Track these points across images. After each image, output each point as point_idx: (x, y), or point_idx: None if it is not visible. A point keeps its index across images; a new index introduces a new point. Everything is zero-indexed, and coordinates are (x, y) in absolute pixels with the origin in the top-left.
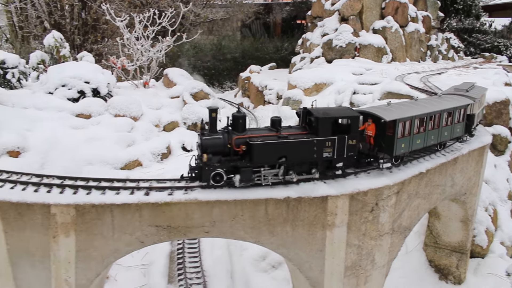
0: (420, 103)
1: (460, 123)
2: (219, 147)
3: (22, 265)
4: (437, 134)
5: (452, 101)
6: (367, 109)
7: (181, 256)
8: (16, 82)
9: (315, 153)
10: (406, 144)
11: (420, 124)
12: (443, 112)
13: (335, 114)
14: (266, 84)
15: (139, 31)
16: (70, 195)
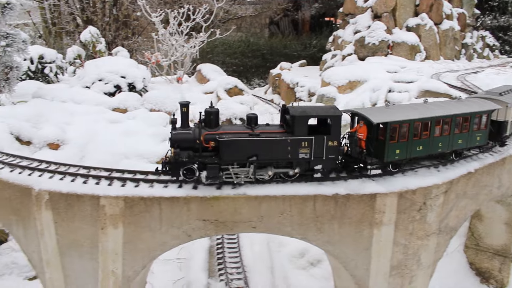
0: (429, 106)
1: (481, 131)
2: (189, 142)
3: (70, 255)
4: (447, 141)
5: (472, 105)
6: (358, 109)
7: (221, 251)
8: (53, 77)
9: (289, 153)
10: (403, 150)
11: (423, 129)
12: (454, 117)
13: (313, 112)
14: (298, 81)
15: (174, 27)
16: (118, 187)
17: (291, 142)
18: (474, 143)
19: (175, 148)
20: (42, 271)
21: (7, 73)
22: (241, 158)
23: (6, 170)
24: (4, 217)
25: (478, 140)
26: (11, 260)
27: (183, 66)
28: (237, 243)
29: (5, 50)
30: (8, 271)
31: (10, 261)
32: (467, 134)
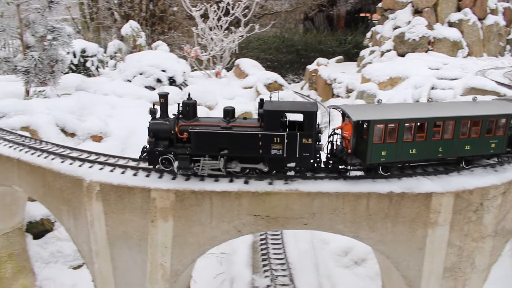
0: (431, 106)
1: (497, 137)
2: (165, 132)
3: (119, 246)
4: (450, 146)
5: (488, 107)
6: (342, 105)
7: (265, 247)
8: (94, 70)
9: (261, 148)
10: (391, 152)
11: (418, 131)
12: (459, 120)
13: (286, 107)
14: (335, 77)
15: (214, 21)
16: (169, 180)
17: (262, 137)
18: (487, 150)
19: (151, 137)
20: (91, 261)
21: (52, 66)
22: (212, 151)
23: (57, 161)
24: (55, 207)
25: (493, 148)
26: (57, 249)
27: (222, 61)
28: (280, 239)
29: (51, 43)
30: (54, 260)
31: (56, 250)
32: (477, 139)
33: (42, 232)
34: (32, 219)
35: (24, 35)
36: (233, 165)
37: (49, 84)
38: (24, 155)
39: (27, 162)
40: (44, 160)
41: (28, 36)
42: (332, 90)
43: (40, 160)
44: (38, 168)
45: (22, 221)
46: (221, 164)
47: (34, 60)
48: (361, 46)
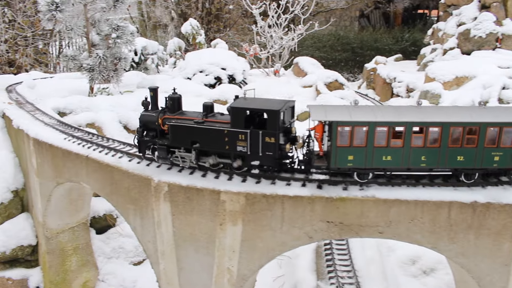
0: (418, 110)
1: (503, 149)
2: (152, 123)
3: (186, 248)
4: (436, 155)
5: (493, 114)
6: (313, 105)
7: (330, 253)
8: (154, 68)
9: (227, 144)
10: (360, 158)
11: (393, 136)
12: (447, 126)
13: (251, 105)
14: (395, 76)
15: (273, 19)
16: (238, 183)
17: (228, 134)
18: (489, 163)
19: (140, 127)
20: (157, 261)
21: (115, 64)
22: (185, 143)
23: (125, 160)
24: (122, 206)
25: (496, 161)
26: (119, 244)
27: (281, 59)
28: (345, 244)
29: (115, 42)
30: (116, 255)
31: (118, 246)
32: (473, 150)
33: (104, 227)
34: (95, 214)
35: (89, 34)
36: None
37: (112, 82)
38: (93, 153)
39: (95, 160)
40: (112, 158)
41: (94, 35)
42: (392, 90)
43: (108, 158)
44: (106, 166)
45: (87, 216)
46: (193, 157)
47: (98, 58)
48: (419, 44)
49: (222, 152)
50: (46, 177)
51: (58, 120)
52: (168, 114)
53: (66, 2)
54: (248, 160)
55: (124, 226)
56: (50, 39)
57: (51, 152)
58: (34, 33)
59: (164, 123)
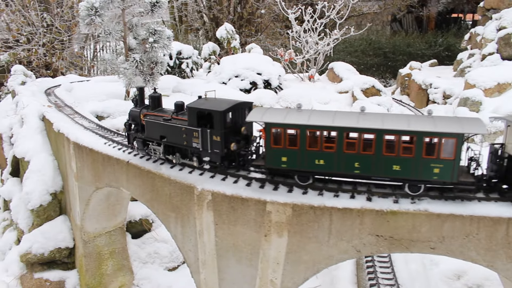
0: (354, 116)
1: (443, 161)
2: (136, 118)
3: (228, 258)
4: (369, 162)
5: (435, 123)
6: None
7: (371, 265)
8: (189, 72)
9: (185, 140)
10: (292, 159)
11: (326, 140)
12: (381, 133)
13: (201, 106)
14: (431, 82)
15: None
16: (284, 193)
17: (185, 130)
18: (428, 175)
19: (128, 121)
20: (197, 270)
21: (152, 68)
22: (156, 137)
23: (166, 166)
24: (162, 213)
25: (436, 174)
26: (154, 249)
27: (315, 64)
28: (388, 257)
29: (152, 46)
30: (151, 260)
31: (153, 251)
32: (410, 160)
33: (140, 232)
34: (132, 219)
35: (127, 38)
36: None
37: (148, 86)
38: (133, 158)
39: (136, 165)
40: (153, 164)
41: (130, 39)
42: (428, 96)
43: (149, 164)
44: (147, 172)
45: (124, 220)
46: (161, 150)
47: (135, 62)
48: (453, 49)
49: (182, 147)
50: (85, 182)
51: (97, 124)
52: (148, 111)
53: (105, 7)
54: (202, 156)
55: (160, 231)
56: (85, 42)
57: (91, 157)
58: (70, 37)
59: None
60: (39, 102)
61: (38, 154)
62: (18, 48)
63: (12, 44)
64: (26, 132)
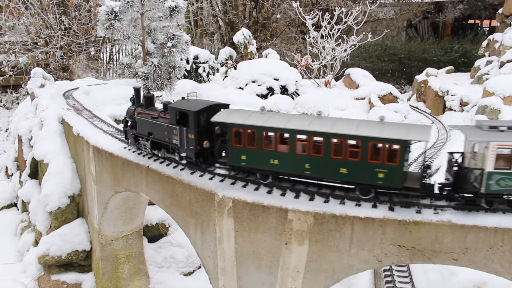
0: (309, 120)
1: (388, 166)
2: (132, 116)
3: (247, 266)
4: (318, 164)
5: (383, 129)
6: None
7: (389, 274)
8: (205, 76)
9: (167, 137)
10: (250, 158)
11: (279, 141)
12: (329, 136)
13: (179, 106)
14: (448, 89)
15: (326, 29)
16: (306, 201)
17: (167, 128)
18: (373, 180)
19: (125, 118)
20: (216, 277)
21: (170, 72)
22: (145, 134)
23: (187, 172)
24: (182, 219)
25: (381, 178)
26: (170, 254)
27: (332, 70)
28: (406, 266)
29: (170, 50)
30: (167, 265)
31: (169, 255)
32: (356, 164)
33: (157, 236)
34: (148, 223)
35: (145, 42)
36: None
37: (165, 90)
38: (153, 163)
39: (156, 171)
40: (173, 170)
41: (149, 43)
42: (444, 103)
43: (169, 169)
44: (168, 178)
45: (141, 224)
46: (148, 145)
47: (153, 66)
48: (469, 55)
49: (165, 143)
50: (104, 185)
51: (117, 128)
52: (141, 109)
53: (124, 11)
54: (180, 152)
55: (176, 236)
56: (101, 45)
57: (111, 161)
58: (87, 40)
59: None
60: (58, 105)
61: (57, 157)
62: (37, 51)
63: (30, 46)
64: (45, 135)
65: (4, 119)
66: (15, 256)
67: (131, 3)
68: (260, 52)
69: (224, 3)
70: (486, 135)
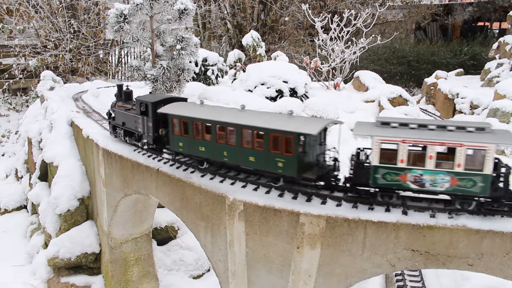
0: (235, 112)
1: (285, 156)
2: (112, 109)
3: (258, 269)
4: (234, 152)
5: (284, 122)
6: None
7: (401, 279)
8: (214, 79)
9: (134, 126)
10: (185, 145)
11: (205, 131)
12: (240, 128)
13: (143, 99)
14: (458, 92)
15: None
16: (318, 205)
17: (133, 118)
18: (274, 168)
19: (108, 111)
20: (226, 281)
21: (179, 75)
22: (120, 124)
23: (197, 175)
24: (192, 222)
25: (281, 167)
26: (179, 257)
27: (341, 72)
28: (418, 270)
29: (180, 53)
30: (176, 267)
31: (178, 258)
32: (261, 153)
33: (166, 239)
34: (157, 226)
35: (154, 45)
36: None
37: (174, 92)
38: (163, 166)
39: (166, 173)
40: (183, 172)
41: (158, 46)
42: (454, 106)
43: (179, 172)
44: (178, 181)
45: (150, 227)
46: (122, 133)
47: (162, 68)
48: (479, 58)
49: (133, 131)
50: (114, 188)
51: None
52: (121, 103)
53: (134, 14)
54: (142, 138)
55: (185, 239)
56: (110, 48)
57: (120, 164)
58: (96, 42)
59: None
60: (68, 108)
61: (67, 159)
62: (46, 54)
63: (40, 49)
64: (55, 137)
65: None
66: (25, 258)
67: (140, 6)
68: (268, 54)
69: (232, 6)
70: (372, 130)
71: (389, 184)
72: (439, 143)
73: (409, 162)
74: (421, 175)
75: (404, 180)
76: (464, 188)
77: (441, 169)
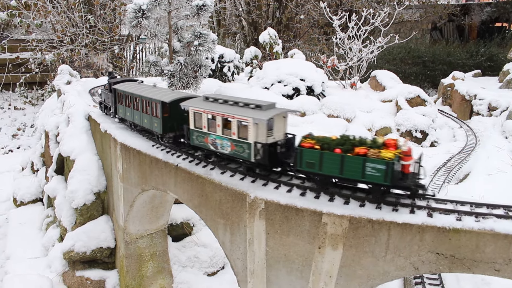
0: (145, 87)
1: (157, 119)
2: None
3: (278, 269)
4: (140, 116)
5: (156, 92)
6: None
7: (420, 281)
8: (230, 76)
9: (108, 101)
10: (123, 112)
11: (131, 101)
12: (141, 98)
13: (112, 80)
14: (476, 93)
15: (353, 30)
16: (341, 205)
17: (107, 95)
18: (153, 128)
19: (100, 95)
20: (245, 279)
21: (196, 71)
22: (102, 101)
23: (217, 172)
24: (211, 219)
25: (156, 127)
26: (194, 254)
27: (358, 71)
28: (437, 273)
29: (197, 49)
30: (190, 264)
31: (193, 255)
32: (149, 117)
33: (181, 235)
34: (173, 222)
35: (172, 41)
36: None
37: (191, 88)
38: (182, 162)
39: (185, 170)
40: (203, 169)
41: (175, 42)
42: (471, 107)
43: (199, 169)
44: (197, 177)
45: (166, 223)
46: (102, 108)
47: (179, 64)
48: (496, 59)
49: (107, 104)
50: (131, 183)
51: None
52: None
53: (152, 9)
54: (109, 110)
55: (200, 235)
56: (125, 44)
57: (139, 159)
58: (112, 38)
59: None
60: (85, 102)
61: (83, 153)
62: (62, 48)
63: (56, 44)
64: (72, 131)
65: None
66: (40, 251)
67: (159, 1)
68: (284, 52)
69: (247, 3)
70: (194, 102)
71: (200, 145)
72: (221, 114)
73: (208, 128)
74: (215, 139)
75: (206, 142)
76: (238, 153)
77: (225, 135)
